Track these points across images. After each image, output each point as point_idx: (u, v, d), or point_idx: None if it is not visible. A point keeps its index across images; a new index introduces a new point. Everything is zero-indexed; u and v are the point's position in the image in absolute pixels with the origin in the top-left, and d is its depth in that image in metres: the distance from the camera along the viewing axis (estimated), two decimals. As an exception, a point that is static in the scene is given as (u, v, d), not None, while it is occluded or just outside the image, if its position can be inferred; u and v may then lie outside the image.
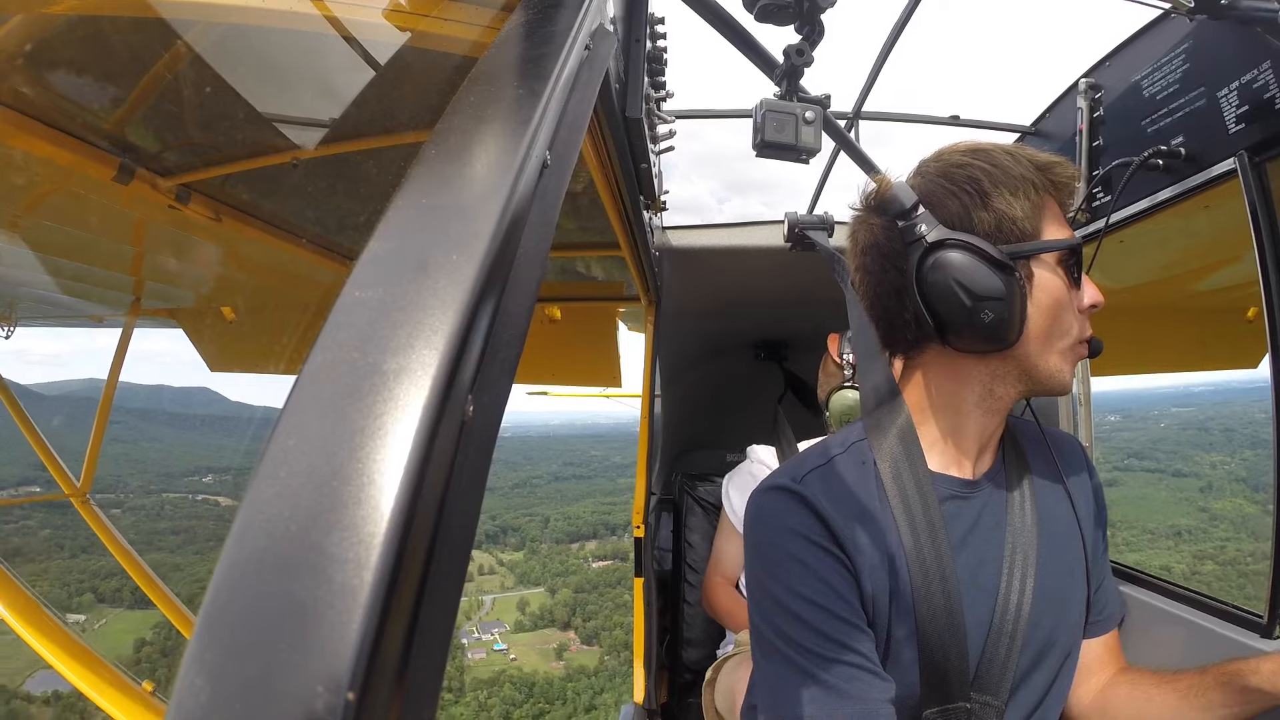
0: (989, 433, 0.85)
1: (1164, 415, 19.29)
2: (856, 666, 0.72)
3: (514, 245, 0.30)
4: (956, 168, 0.81)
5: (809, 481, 0.80)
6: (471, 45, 0.70)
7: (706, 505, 2.17)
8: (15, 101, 1.01)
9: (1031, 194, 0.79)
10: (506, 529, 43.54)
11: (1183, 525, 22.93)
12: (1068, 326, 0.81)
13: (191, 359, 2.28)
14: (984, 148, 0.82)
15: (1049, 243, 0.79)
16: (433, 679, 0.23)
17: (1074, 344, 0.82)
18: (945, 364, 0.84)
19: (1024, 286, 0.76)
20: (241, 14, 0.85)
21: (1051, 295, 0.79)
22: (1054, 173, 0.80)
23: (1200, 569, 21.57)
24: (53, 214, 1.42)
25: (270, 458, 0.22)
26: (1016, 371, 0.81)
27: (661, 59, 1.02)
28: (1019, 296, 0.75)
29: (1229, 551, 21.24)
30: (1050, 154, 0.82)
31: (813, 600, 0.74)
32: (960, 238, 0.77)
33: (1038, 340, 0.79)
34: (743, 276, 2.03)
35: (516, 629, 32.90)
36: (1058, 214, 0.82)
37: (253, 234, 1.53)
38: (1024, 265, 0.78)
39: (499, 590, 37.01)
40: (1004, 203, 0.78)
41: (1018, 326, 0.76)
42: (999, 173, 0.78)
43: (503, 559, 40.57)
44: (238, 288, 2.13)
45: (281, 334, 2.12)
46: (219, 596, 0.19)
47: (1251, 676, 0.78)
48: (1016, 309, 0.75)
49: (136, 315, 2.19)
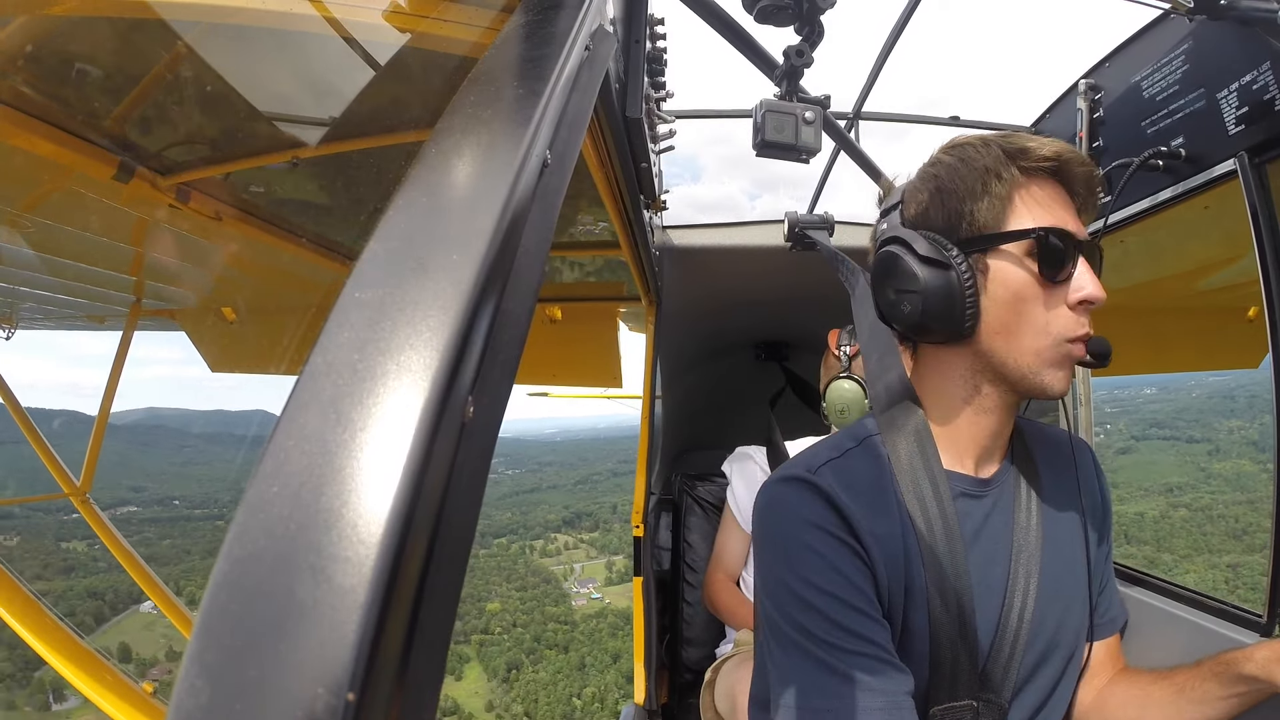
0: (990, 433, 0.84)
1: (1199, 385, 19.53)
2: (876, 658, 0.71)
3: (514, 245, 0.30)
4: (928, 165, 0.82)
5: (824, 473, 0.79)
6: (471, 46, 0.70)
7: (706, 505, 2.17)
8: (15, 100, 1.01)
9: (993, 184, 0.76)
10: (580, 515, 59.82)
11: (1175, 483, 23.55)
12: (1040, 323, 0.76)
13: (238, 384, 2.30)
14: (960, 141, 0.81)
15: (999, 234, 0.76)
16: (433, 679, 0.23)
17: (1056, 343, 0.76)
18: (934, 362, 0.85)
19: (968, 279, 0.75)
20: (241, 14, 0.85)
21: (1010, 288, 0.76)
22: (1026, 159, 0.77)
23: (1171, 515, 22.25)
24: (53, 213, 1.42)
25: (270, 458, 0.22)
26: (989, 369, 0.80)
27: (661, 59, 1.02)
28: (951, 288, 0.75)
29: (1204, 500, 21.93)
30: (1034, 138, 0.78)
31: (830, 591, 0.73)
32: (898, 234, 0.79)
33: (1000, 335, 0.77)
34: (743, 276, 2.02)
35: (606, 583, 48.43)
36: (1044, 200, 0.77)
37: (253, 233, 1.53)
38: (978, 259, 0.77)
39: (585, 560, 53.74)
40: (956, 199, 0.77)
41: (956, 318, 0.76)
42: (961, 167, 0.78)
43: (582, 538, 56.69)
44: (238, 288, 2.13)
45: (282, 334, 2.12)
46: (219, 596, 0.19)
47: (1245, 665, 0.79)
48: (945, 300, 0.75)
49: (137, 316, 2.19)
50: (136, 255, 1.77)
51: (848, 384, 1.60)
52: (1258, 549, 2.00)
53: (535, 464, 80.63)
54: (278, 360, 2.06)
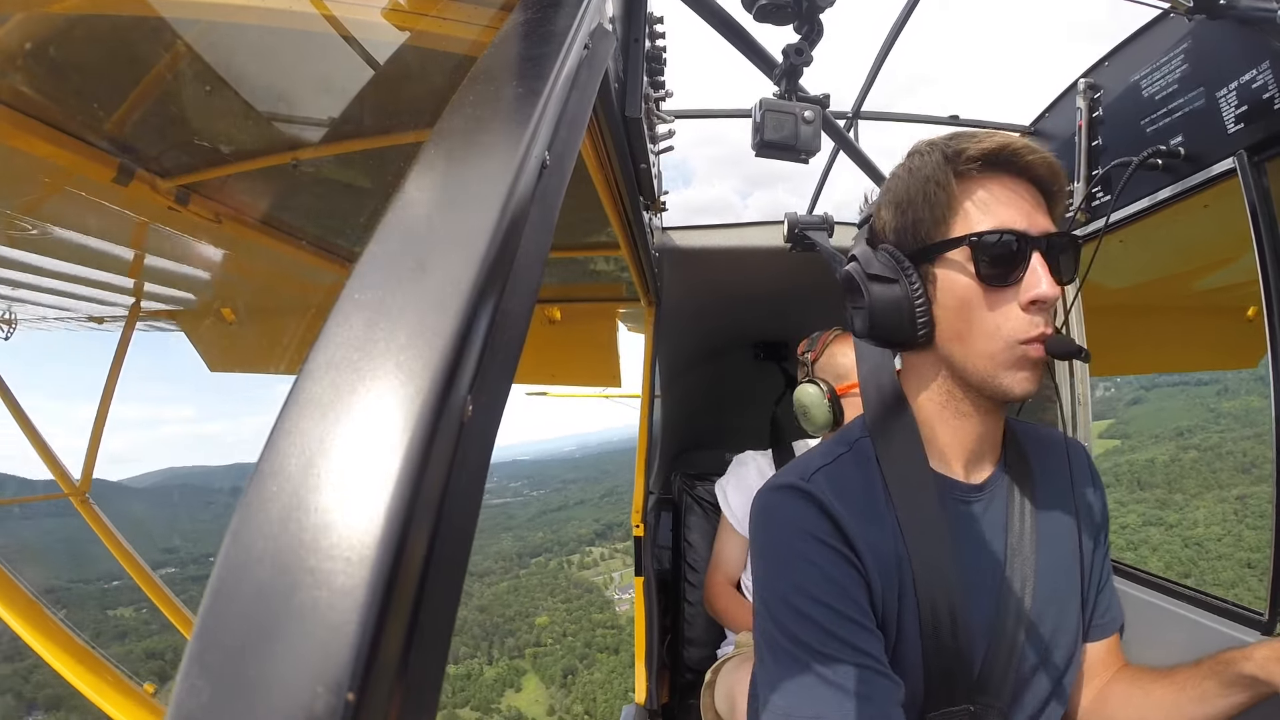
0: (974, 436, 0.83)
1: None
2: (867, 668, 0.71)
3: (514, 245, 0.30)
4: (889, 176, 0.83)
5: (817, 480, 0.79)
6: (470, 45, 0.70)
7: (706, 505, 2.17)
8: (15, 101, 1.01)
9: (933, 192, 0.75)
10: (611, 526, 61.52)
11: (1184, 426, 24.10)
12: (989, 327, 0.74)
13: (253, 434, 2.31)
14: (915, 148, 0.80)
15: (936, 244, 0.76)
16: (433, 679, 0.23)
17: (1008, 346, 0.73)
18: (912, 368, 0.86)
19: (917, 291, 0.76)
20: (241, 14, 0.85)
21: (956, 295, 0.75)
22: (961, 160, 0.75)
23: (1181, 457, 23.03)
24: (53, 215, 1.42)
25: (269, 458, 0.22)
26: (953, 374, 0.80)
27: (660, 59, 1.02)
28: (896, 300, 0.77)
29: (1213, 440, 22.56)
30: (977, 134, 0.76)
31: (823, 600, 0.73)
32: (855, 251, 0.82)
33: (954, 341, 0.77)
34: (743, 276, 2.02)
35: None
36: (988, 201, 0.74)
37: (252, 235, 1.53)
38: (926, 269, 0.77)
39: (621, 568, 54.51)
40: (904, 210, 0.78)
41: (905, 329, 0.77)
42: (908, 178, 0.78)
43: (616, 548, 59.06)
44: (237, 289, 2.13)
45: (281, 335, 2.12)
46: (219, 596, 0.19)
47: (1244, 664, 0.79)
48: (891, 311, 0.77)
49: (136, 316, 2.19)
50: (136, 257, 1.77)
51: (810, 387, 1.62)
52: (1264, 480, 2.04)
53: (559, 483, 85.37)
54: (277, 361, 2.06)
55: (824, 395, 1.59)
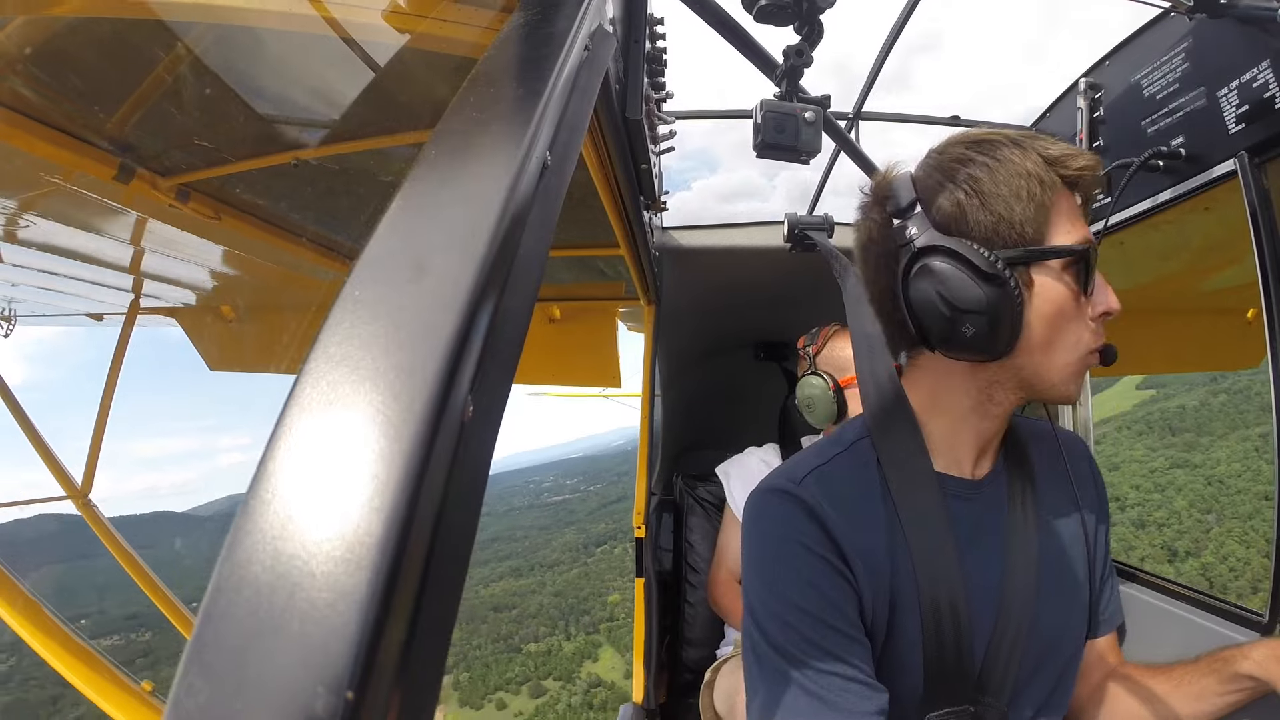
0: (988, 435, 0.82)
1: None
2: (848, 679, 0.71)
3: (514, 245, 0.30)
4: (956, 162, 0.75)
5: (808, 483, 0.78)
6: (471, 46, 0.70)
7: (707, 505, 2.17)
8: (15, 101, 1.01)
9: (1037, 192, 0.72)
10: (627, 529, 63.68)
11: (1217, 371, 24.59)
12: (1075, 338, 0.74)
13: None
14: (990, 139, 0.75)
15: (1051, 249, 0.72)
16: (433, 679, 0.23)
17: (1083, 356, 0.75)
18: (940, 368, 0.81)
19: (1019, 296, 0.71)
20: (241, 14, 0.85)
21: (1054, 305, 0.73)
22: (1065, 166, 0.73)
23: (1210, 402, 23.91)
24: (53, 213, 1.42)
25: (270, 458, 0.22)
26: (1015, 380, 0.78)
27: (661, 60, 1.02)
28: (1010, 307, 0.70)
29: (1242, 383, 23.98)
30: (1064, 144, 0.74)
31: (807, 610, 0.72)
32: (947, 244, 0.72)
33: (1039, 351, 0.74)
34: (743, 276, 2.03)
35: (705, 566, 55.35)
36: (1072, 211, 0.74)
37: (252, 233, 1.53)
38: (1022, 272, 0.72)
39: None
40: (1003, 205, 0.71)
41: (1006, 338, 0.72)
42: (1001, 169, 0.72)
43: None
44: (237, 287, 2.13)
45: (281, 334, 2.12)
46: (219, 596, 0.19)
47: (1242, 663, 0.79)
48: (1006, 321, 0.70)
49: (136, 313, 2.19)
50: (136, 254, 1.77)
51: (814, 379, 1.63)
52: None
53: (614, 475, 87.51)
54: (276, 359, 2.06)
55: (828, 387, 1.60)
